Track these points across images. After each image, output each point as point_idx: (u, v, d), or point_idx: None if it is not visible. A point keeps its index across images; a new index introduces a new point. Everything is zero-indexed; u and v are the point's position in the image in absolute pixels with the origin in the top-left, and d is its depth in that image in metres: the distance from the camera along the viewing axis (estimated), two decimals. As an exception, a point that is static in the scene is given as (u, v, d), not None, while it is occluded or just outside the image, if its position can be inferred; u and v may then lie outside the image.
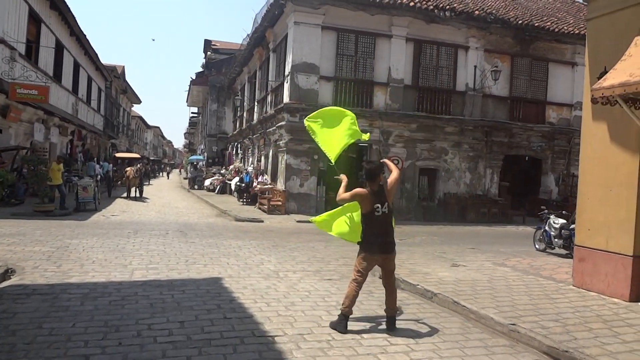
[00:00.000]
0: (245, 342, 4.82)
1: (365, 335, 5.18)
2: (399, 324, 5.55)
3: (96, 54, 28.10)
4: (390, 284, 5.51)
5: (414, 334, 5.29)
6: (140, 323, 5.24)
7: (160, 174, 56.30)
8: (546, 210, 11.82)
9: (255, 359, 4.44)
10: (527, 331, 5.24)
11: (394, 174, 5.72)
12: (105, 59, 31.30)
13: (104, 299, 6.05)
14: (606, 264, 7.05)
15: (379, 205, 5.35)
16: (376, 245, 5.38)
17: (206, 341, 4.80)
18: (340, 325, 5.27)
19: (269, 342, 4.87)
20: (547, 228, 11.15)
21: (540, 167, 20.85)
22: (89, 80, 29.21)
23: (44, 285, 6.58)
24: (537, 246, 11.51)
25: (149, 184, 34.03)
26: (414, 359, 4.61)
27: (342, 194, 5.50)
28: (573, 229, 9.36)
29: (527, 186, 21.04)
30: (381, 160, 6.04)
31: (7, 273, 7.01)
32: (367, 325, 5.53)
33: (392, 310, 5.44)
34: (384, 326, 5.45)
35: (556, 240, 10.84)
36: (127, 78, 44.51)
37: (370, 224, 5.38)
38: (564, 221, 10.86)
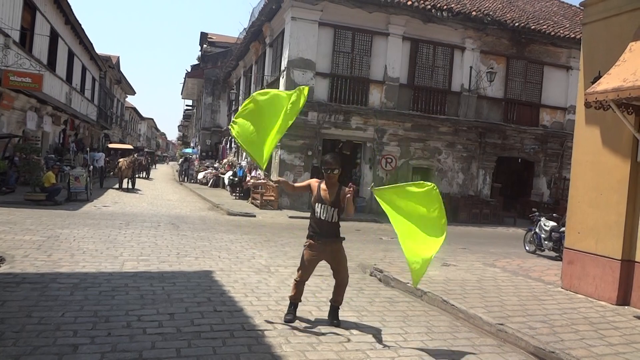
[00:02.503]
0: (235, 336, 4.84)
1: (354, 332, 5.21)
2: (389, 321, 5.60)
3: (91, 44, 27.88)
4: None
5: (403, 332, 5.33)
6: (130, 314, 5.24)
7: (154, 166, 55.69)
8: (537, 213, 11.91)
9: (245, 353, 4.45)
10: (515, 331, 5.29)
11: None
12: (100, 48, 31.04)
13: (94, 290, 6.03)
14: (595, 267, 7.12)
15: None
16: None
17: (196, 333, 4.81)
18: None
19: (259, 335, 4.89)
20: (537, 230, 11.24)
21: (533, 170, 20.99)
22: (83, 69, 29.00)
23: (33, 274, 6.56)
24: (527, 248, 11.60)
25: (148, 178, 32.29)
26: (402, 356, 4.64)
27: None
28: (563, 232, 9.44)
29: (519, 188, 21.19)
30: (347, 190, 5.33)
31: (-3, 261, 6.98)
32: (357, 321, 5.55)
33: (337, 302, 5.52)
34: (373, 323, 5.48)
35: (546, 242, 10.93)
36: (122, 68, 44.25)
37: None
38: (555, 224, 10.95)
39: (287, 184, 5.68)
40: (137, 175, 30.37)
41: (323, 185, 5.43)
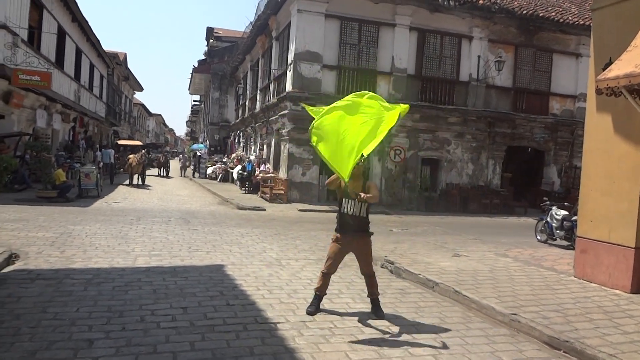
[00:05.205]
0: (248, 329, 4.86)
1: (366, 323, 5.21)
2: (401, 313, 5.60)
3: (98, 41, 27.98)
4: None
5: (416, 323, 5.32)
6: (143, 308, 5.28)
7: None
8: (548, 202, 11.83)
9: (258, 345, 4.47)
10: (528, 321, 5.26)
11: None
12: (107, 45, 31.08)
13: (108, 285, 6.08)
14: (608, 255, 7.06)
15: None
16: None
17: (209, 327, 4.83)
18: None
19: (272, 328, 4.91)
20: (548, 219, 11.17)
21: (543, 159, 20.83)
22: (91, 67, 29.12)
23: (47, 270, 6.62)
24: (538, 237, 11.53)
25: (167, 175, 31.26)
26: (415, 347, 4.64)
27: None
28: (575, 221, 9.40)
29: (530, 177, 21.04)
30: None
31: (11, 258, 7.04)
32: (369, 313, 5.55)
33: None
34: (386, 314, 5.48)
35: (558, 231, 10.86)
36: (129, 65, 44.38)
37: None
38: (566, 213, 10.87)
39: (331, 182, 5.49)
40: (160, 173, 30.55)
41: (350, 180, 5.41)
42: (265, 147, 22.81)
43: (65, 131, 25.52)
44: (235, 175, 23.86)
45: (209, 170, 29.79)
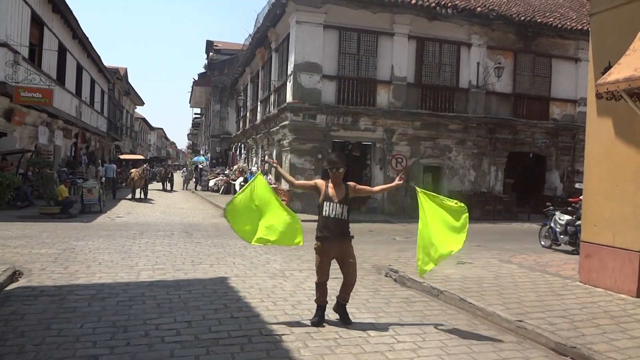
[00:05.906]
0: (253, 341, 4.83)
1: (372, 333, 5.18)
2: (407, 322, 5.56)
3: (99, 56, 28.15)
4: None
5: (421, 332, 5.29)
6: (147, 323, 5.26)
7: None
8: (551, 207, 11.79)
9: (263, 358, 4.44)
10: (535, 327, 5.23)
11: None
12: (107, 61, 31.25)
13: (112, 300, 6.07)
14: (613, 259, 7.02)
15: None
16: None
17: (214, 340, 4.81)
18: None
19: (277, 340, 4.88)
20: (552, 225, 11.13)
21: (545, 164, 20.82)
22: (92, 82, 29.27)
23: (51, 286, 6.61)
24: (542, 243, 11.48)
25: (171, 190, 30.91)
26: (421, 356, 4.61)
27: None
28: (579, 225, 9.35)
29: (532, 183, 21.01)
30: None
31: (15, 275, 7.03)
32: (374, 323, 5.52)
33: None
34: (391, 324, 5.45)
35: (562, 236, 10.81)
36: (130, 80, 44.62)
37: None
38: (570, 217, 10.83)
39: (289, 180, 5.91)
40: (164, 187, 30.49)
41: (330, 184, 5.50)
42: (266, 158, 22.84)
43: (67, 147, 25.61)
44: (237, 187, 23.85)
45: (211, 183, 29.81)
